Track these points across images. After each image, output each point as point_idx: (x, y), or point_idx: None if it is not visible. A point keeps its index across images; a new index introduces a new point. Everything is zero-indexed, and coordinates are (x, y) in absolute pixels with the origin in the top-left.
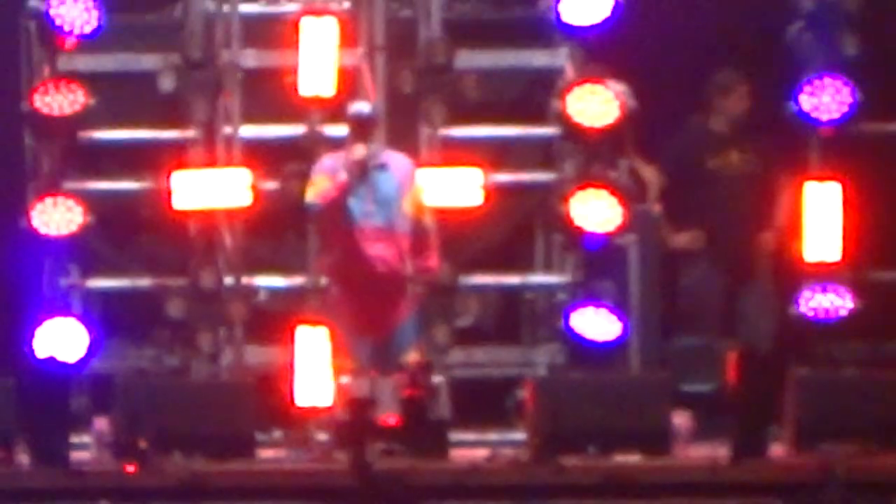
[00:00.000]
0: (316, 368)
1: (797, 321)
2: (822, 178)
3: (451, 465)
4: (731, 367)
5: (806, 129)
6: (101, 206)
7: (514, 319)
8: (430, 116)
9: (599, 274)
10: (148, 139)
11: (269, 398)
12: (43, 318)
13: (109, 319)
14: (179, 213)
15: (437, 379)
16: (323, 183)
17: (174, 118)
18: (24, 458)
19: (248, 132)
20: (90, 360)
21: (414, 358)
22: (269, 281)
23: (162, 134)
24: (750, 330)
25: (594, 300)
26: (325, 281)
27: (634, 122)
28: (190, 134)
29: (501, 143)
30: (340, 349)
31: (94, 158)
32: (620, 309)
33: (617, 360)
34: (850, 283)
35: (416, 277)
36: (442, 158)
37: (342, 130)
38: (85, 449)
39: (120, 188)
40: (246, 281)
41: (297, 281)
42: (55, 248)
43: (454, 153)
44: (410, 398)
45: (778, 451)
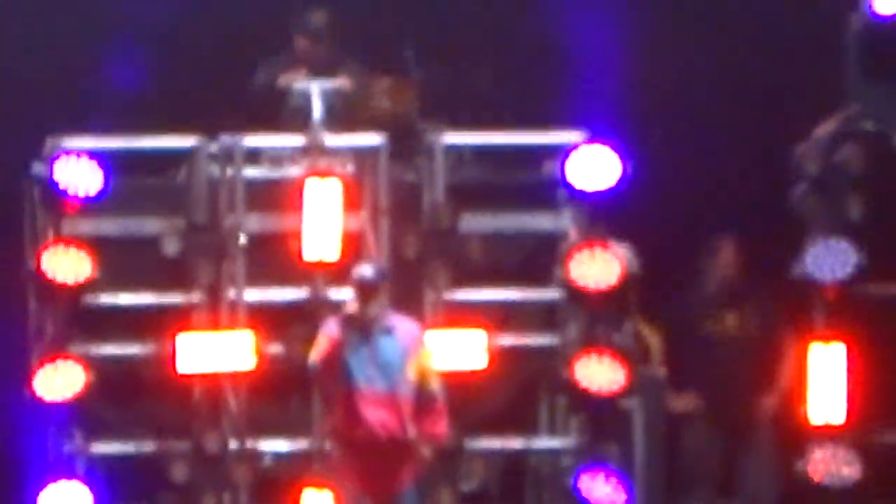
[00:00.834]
0: None
1: (802, 484)
2: (826, 339)
3: None
4: None
5: (810, 290)
6: (104, 369)
7: (519, 483)
8: (434, 280)
9: (604, 437)
10: (151, 303)
11: None
12: (47, 482)
13: (114, 484)
14: (184, 376)
15: None
16: (323, 343)
17: (178, 282)
18: None
19: (252, 296)
20: None
21: None
22: (273, 445)
23: (166, 298)
24: (750, 493)
25: (599, 465)
26: (329, 444)
27: (638, 284)
28: (194, 298)
29: (506, 306)
30: None
31: (98, 322)
32: (625, 473)
33: None
34: (855, 446)
35: (422, 444)
36: (446, 321)
37: (346, 294)
38: None
39: (124, 352)
40: (251, 445)
41: (302, 445)
42: (59, 412)
43: (458, 316)
44: None
45: None
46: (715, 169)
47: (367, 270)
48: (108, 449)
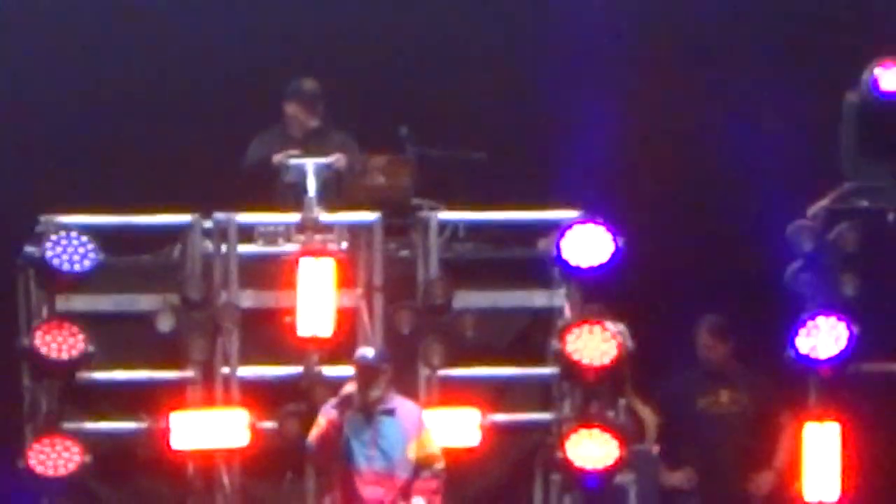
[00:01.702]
0: None
1: None
2: (820, 418)
3: None
4: None
5: (804, 370)
6: (98, 446)
7: None
8: (428, 357)
9: None
10: (145, 380)
11: None
12: None
13: None
14: (178, 453)
15: None
16: (322, 424)
17: (172, 358)
18: None
19: (246, 372)
20: None
21: None
22: None
23: (160, 374)
24: None
25: None
26: None
27: (632, 362)
28: (188, 374)
29: (499, 383)
30: None
31: (91, 398)
32: None
33: None
34: None
35: (419, 500)
36: (440, 399)
37: (340, 371)
38: None
39: (118, 428)
40: None
41: None
42: (53, 488)
43: (452, 393)
44: None
45: None
46: (709, 249)
47: (369, 353)
48: None
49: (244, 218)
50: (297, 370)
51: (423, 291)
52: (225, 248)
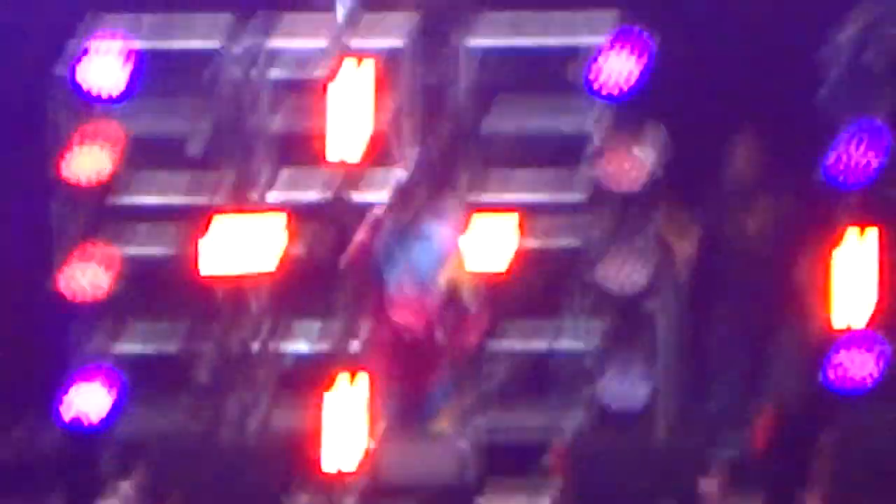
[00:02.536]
0: (343, 433)
1: (826, 387)
2: (851, 241)
3: None
4: (759, 432)
5: (836, 191)
6: (128, 270)
7: (542, 385)
8: (457, 180)
9: (627, 339)
10: (176, 204)
11: (295, 463)
12: (70, 382)
13: (136, 384)
14: (207, 277)
15: (463, 443)
16: (355, 246)
17: (202, 182)
18: None
19: (276, 196)
20: (117, 424)
21: (441, 425)
22: (295, 346)
23: (190, 198)
24: (775, 396)
25: (621, 366)
26: (354, 344)
27: (662, 187)
28: (218, 199)
29: (530, 208)
30: (369, 410)
31: (122, 222)
32: (647, 374)
33: (644, 425)
34: (879, 344)
35: (452, 350)
36: (468, 223)
37: (369, 196)
38: None
39: (147, 253)
40: (272, 346)
41: (323, 346)
42: (83, 312)
43: (482, 219)
44: None
45: None
46: (739, 67)
47: (403, 177)
48: (131, 349)
49: (274, 43)
50: (326, 194)
51: (452, 117)
52: (255, 72)
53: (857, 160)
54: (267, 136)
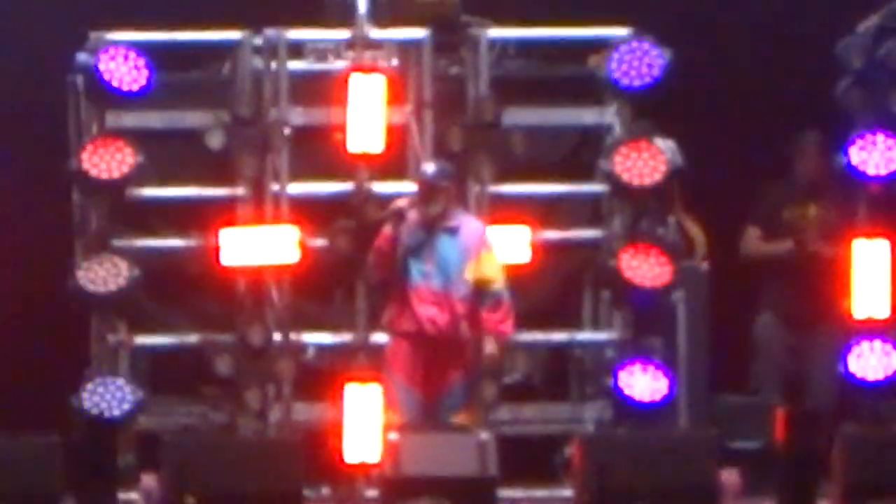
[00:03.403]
0: (364, 425)
1: (846, 378)
2: (870, 234)
3: None
4: (780, 424)
5: (855, 184)
6: (148, 263)
7: (562, 376)
8: (478, 174)
9: (647, 331)
10: (195, 196)
11: (316, 455)
12: (90, 375)
13: (156, 376)
14: (227, 269)
15: (484, 436)
16: (382, 238)
17: (222, 175)
18: None
19: (295, 189)
20: (137, 416)
21: (462, 419)
22: (317, 338)
23: (210, 191)
24: (813, 392)
25: (642, 357)
26: (380, 337)
27: (682, 179)
28: (238, 191)
29: (549, 200)
30: (391, 403)
31: (141, 215)
32: (668, 366)
33: (665, 416)
34: None
35: (488, 340)
36: (490, 216)
37: (390, 187)
38: None
39: (167, 245)
40: (294, 338)
41: (345, 338)
42: (102, 304)
43: (502, 210)
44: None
45: None
46: (758, 62)
47: (430, 169)
48: (151, 341)
49: (294, 34)
50: (347, 187)
51: (472, 108)
52: (275, 64)
53: (877, 153)
54: (287, 127)
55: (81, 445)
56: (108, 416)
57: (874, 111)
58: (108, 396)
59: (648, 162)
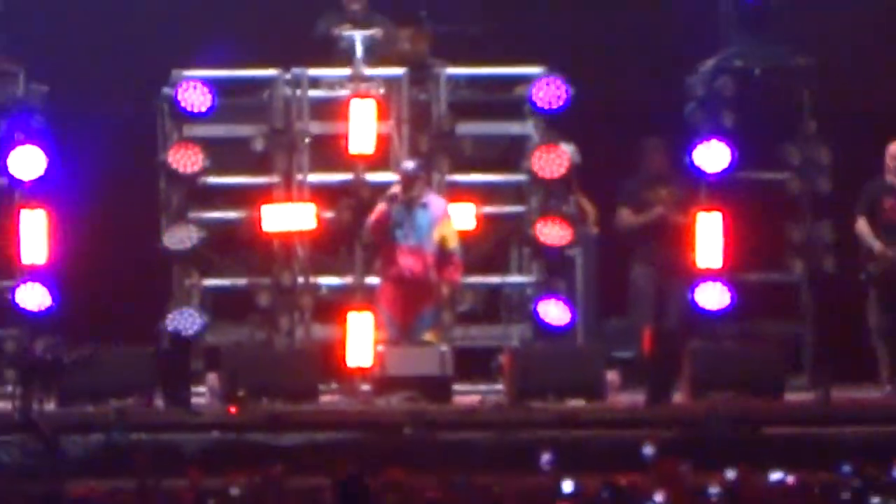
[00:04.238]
0: (361, 341)
1: (692, 308)
2: (708, 209)
3: (453, 407)
4: (646, 339)
5: (698, 176)
6: (211, 229)
7: (496, 307)
8: (439, 167)
9: (555, 276)
10: (245, 183)
11: (328, 361)
12: (172, 306)
13: (217, 307)
14: (266, 234)
15: (444, 348)
16: (377, 210)
17: (263, 169)
18: (159, 403)
19: (313, 178)
20: (204, 335)
21: (429, 337)
22: (327, 280)
23: (254, 180)
24: (670, 316)
25: (552, 294)
26: (372, 280)
27: (578, 171)
28: (273, 180)
29: (488, 186)
30: (380, 325)
31: (207, 196)
32: (570, 300)
33: (567, 335)
34: (727, 282)
35: (443, 285)
36: (447, 197)
37: (379, 177)
38: (201, 396)
39: (225, 217)
40: (312, 280)
41: (347, 280)
42: (180, 258)
43: (455, 193)
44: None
45: (678, 398)
46: (634, 90)
47: (410, 164)
48: (214, 283)
49: (313, 72)
50: (348, 177)
51: (435, 123)
52: (299, 92)
53: (713, 155)
54: (308, 136)
55: (166, 354)
56: (184, 334)
57: (711, 126)
58: (184, 321)
59: (555, 160)
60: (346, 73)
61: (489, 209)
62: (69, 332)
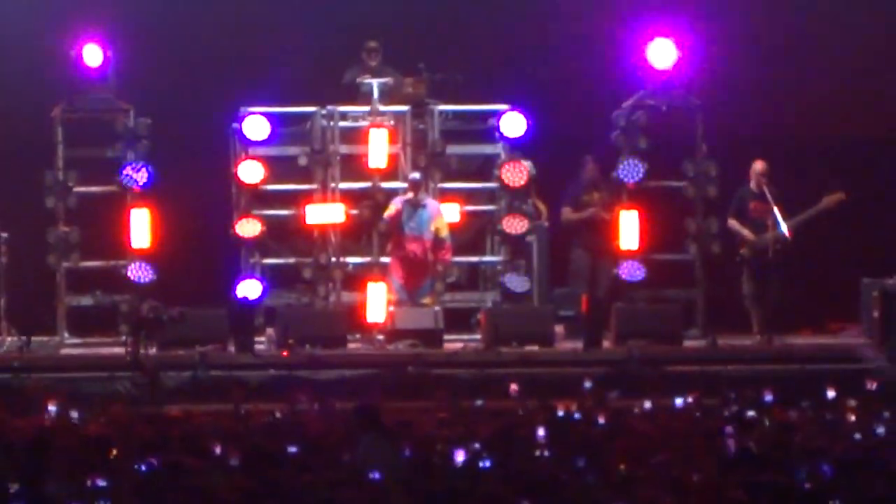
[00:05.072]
0: (377, 303)
1: (617, 280)
2: (628, 208)
3: (444, 352)
4: (584, 303)
5: (620, 184)
6: (270, 222)
7: (475, 279)
8: (433, 178)
9: (518, 257)
10: (293, 189)
11: (353, 318)
12: (242, 278)
13: (274, 278)
14: (309, 225)
15: (437, 308)
16: (392, 208)
17: (306, 179)
18: (232, 349)
19: (342, 185)
20: (264, 299)
21: (427, 301)
22: (353, 259)
23: (300, 186)
24: (601, 288)
25: (515, 270)
26: (385, 259)
27: (534, 181)
28: (314, 187)
29: (469, 191)
30: (391, 292)
31: (266, 199)
32: (528, 274)
33: (527, 299)
34: (642, 261)
35: (438, 264)
36: (439, 198)
37: (390, 185)
38: (262, 344)
39: (280, 213)
40: (342, 259)
41: (367, 259)
42: (248, 244)
43: (445, 196)
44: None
45: (607, 344)
46: (580, 122)
47: (416, 175)
48: (271, 261)
49: (342, 108)
50: (367, 185)
51: (430, 146)
52: (332, 123)
53: (632, 168)
54: (338, 155)
55: (236, 313)
56: (249, 299)
57: (630, 147)
58: (249, 290)
59: (518, 172)
60: (366, 109)
61: (470, 208)
62: (166, 297)
